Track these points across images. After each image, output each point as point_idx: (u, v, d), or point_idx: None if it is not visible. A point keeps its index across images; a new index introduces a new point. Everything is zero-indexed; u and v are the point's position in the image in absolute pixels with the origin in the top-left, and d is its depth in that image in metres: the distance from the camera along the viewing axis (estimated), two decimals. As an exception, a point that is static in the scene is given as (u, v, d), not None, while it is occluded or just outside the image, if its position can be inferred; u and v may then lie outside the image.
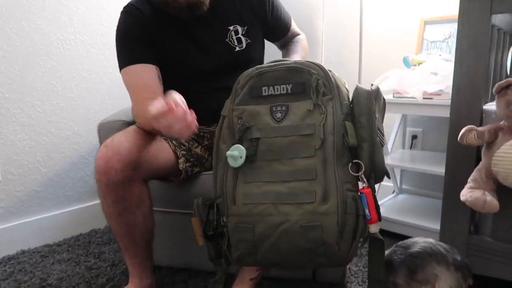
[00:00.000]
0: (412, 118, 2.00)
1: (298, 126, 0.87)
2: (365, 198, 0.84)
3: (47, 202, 1.75)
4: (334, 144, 0.84)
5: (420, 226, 1.62)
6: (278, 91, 0.90)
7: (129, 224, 1.08)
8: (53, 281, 1.40)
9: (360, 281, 1.34)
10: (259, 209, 0.85)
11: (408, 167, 1.66)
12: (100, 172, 1.01)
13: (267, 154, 0.88)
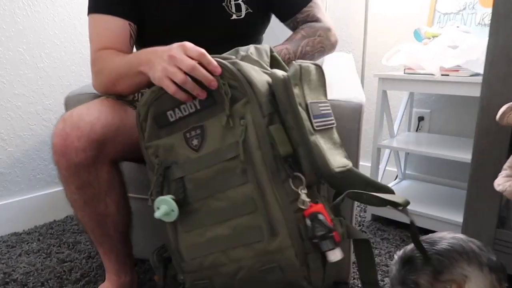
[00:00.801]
0: (419, 99, 1.85)
1: (219, 150, 0.71)
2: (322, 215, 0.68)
3: (15, 185, 1.56)
4: (263, 160, 0.67)
5: (427, 214, 1.48)
6: (186, 111, 0.74)
7: (99, 214, 0.90)
8: (18, 276, 1.22)
9: (368, 277, 1.20)
10: (209, 260, 0.74)
11: (414, 150, 1.51)
12: (58, 152, 0.82)
13: (198, 192, 0.74)
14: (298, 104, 0.68)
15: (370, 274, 0.75)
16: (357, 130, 1.04)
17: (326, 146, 0.70)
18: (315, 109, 0.71)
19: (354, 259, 1.30)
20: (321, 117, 0.72)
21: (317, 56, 1.04)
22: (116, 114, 0.87)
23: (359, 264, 0.75)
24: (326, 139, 0.71)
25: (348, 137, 1.04)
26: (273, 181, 0.67)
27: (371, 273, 0.75)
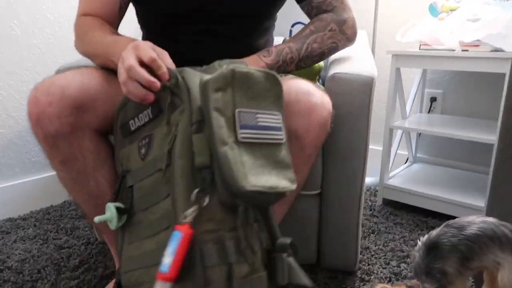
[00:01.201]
0: (431, 79, 1.76)
1: (155, 159, 0.68)
2: (177, 239, 0.58)
3: (8, 169, 1.48)
4: (182, 171, 0.62)
5: (439, 197, 1.42)
6: (142, 120, 0.72)
7: (91, 194, 0.83)
8: (13, 263, 1.15)
9: (383, 262, 1.14)
10: (135, 277, 0.68)
11: (428, 130, 1.44)
12: (33, 122, 0.75)
13: (140, 202, 0.70)
14: (215, 109, 0.61)
15: None
16: (367, 106, 0.97)
17: (251, 161, 0.60)
18: (247, 118, 0.62)
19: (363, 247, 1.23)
20: (256, 128, 0.63)
21: (327, 53, 0.94)
22: (93, 80, 0.79)
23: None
24: (258, 155, 0.62)
25: (356, 114, 0.97)
26: (186, 197, 0.61)
27: None
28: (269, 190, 0.59)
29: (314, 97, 0.80)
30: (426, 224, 1.39)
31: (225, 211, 0.61)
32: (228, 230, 0.60)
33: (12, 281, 1.07)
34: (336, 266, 1.10)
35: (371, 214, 1.48)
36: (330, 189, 1.03)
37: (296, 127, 0.79)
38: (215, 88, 0.61)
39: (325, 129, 0.82)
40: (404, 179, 1.60)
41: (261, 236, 0.66)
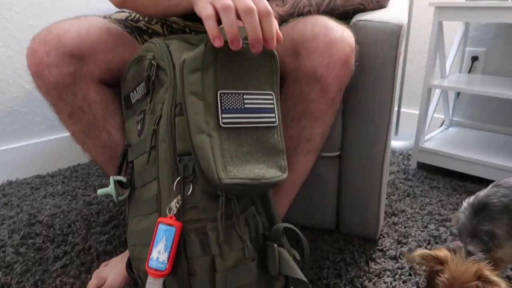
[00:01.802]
0: (474, 36, 1.64)
1: (145, 138, 0.65)
2: (172, 233, 0.55)
3: (35, 126, 1.47)
4: (165, 155, 0.58)
5: (479, 161, 1.35)
6: (139, 93, 0.69)
7: (105, 146, 0.80)
8: (44, 218, 1.16)
9: (420, 225, 1.09)
10: (136, 252, 0.66)
11: (467, 89, 1.35)
12: (33, 74, 0.72)
13: (138, 179, 0.68)
14: (191, 93, 0.55)
15: None
16: (394, 59, 0.86)
17: (234, 149, 0.55)
18: (232, 101, 0.56)
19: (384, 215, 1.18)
20: (242, 112, 0.56)
21: (351, 14, 0.85)
22: (91, 29, 0.74)
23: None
24: (244, 142, 0.56)
25: (381, 68, 0.86)
26: (170, 184, 0.58)
27: None
28: (252, 181, 0.54)
29: (333, 31, 0.70)
30: (464, 188, 1.33)
31: (208, 199, 0.57)
32: (211, 220, 0.57)
33: (44, 234, 1.07)
34: (356, 233, 1.03)
35: (405, 177, 1.42)
36: (350, 151, 0.95)
37: (315, 67, 0.70)
38: (192, 69, 0.55)
39: (348, 67, 0.71)
40: (440, 142, 1.52)
41: (257, 221, 0.62)
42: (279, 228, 0.61)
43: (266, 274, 0.61)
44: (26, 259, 0.96)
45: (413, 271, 0.90)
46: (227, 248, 0.57)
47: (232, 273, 0.57)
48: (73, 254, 0.97)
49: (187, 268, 0.57)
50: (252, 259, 0.59)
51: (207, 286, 0.57)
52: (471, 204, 0.84)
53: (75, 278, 0.89)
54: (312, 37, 0.70)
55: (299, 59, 0.72)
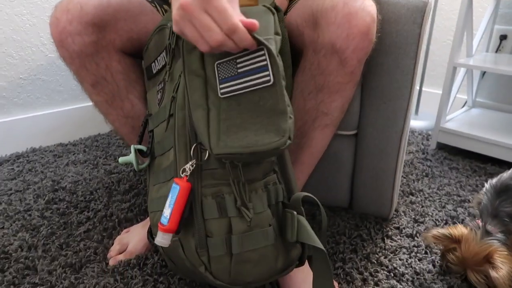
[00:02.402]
0: (504, 13, 1.58)
1: (165, 106, 0.66)
2: (176, 191, 0.57)
3: (58, 95, 1.49)
4: (184, 123, 0.61)
5: (501, 143, 1.32)
6: (160, 63, 0.70)
7: (128, 116, 0.82)
8: (67, 184, 1.19)
9: (438, 205, 1.09)
10: (156, 219, 0.68)
11: (494, 68, 1.30)
12: (56, 43, 0.73)
13: (158, 147, 0.70)
14: (189, 72, 0.57)
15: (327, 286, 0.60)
16: (417, 37, 0.82)
17: (234, 118, 0.55)
18: (227, 69, 0.56)
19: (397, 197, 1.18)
20: (238, 78, 0.55)
21: None
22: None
23: (314, 277, 0.61)
24: (244, 108, 0.54)
25: (404, 47, 0.84)
26: (187, 149, 0.60)
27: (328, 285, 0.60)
28: (243, 150, 0.53)
29: (353, 0, 0.67)
30: (484, 170, 1.31)
31: (224, 165, 0.58)
32: (227, 184, 0.59)
33: (67, 200, 1.10)
34: (369, 211, 1.03)
35: (424, 157, 1.40)
36: (367, 130, 0.94)
37: (333, 38, 0.67)
38: (189, 48, 0.57)
39: (368, 39, 0.67)
40: (461, 123, 1.50)
41: (278, 189, 0.63)
42: (299, 197, 0.61)
43: (284, 241, 0.62)
44: (51, 223, 0.99)
45: (429, 249, 0.90)
46: (243, 211, 0.58)
47: (248, 235, 0.58)
48: (95, 220, 1.01)
49: (204, 229, 0.59)
50: (269, 224, 0.60)
51: (223, 247, 0.58)
52: (494, 186, 0.83)
53: (98, 243, 0.92)
54: (331, 7, 0.67)
55: (318, 30, 0.70)
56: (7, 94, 1.37)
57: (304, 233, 0.59)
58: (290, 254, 0.64)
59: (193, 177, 0.59)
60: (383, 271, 0.83)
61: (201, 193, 0.59)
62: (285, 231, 0.62)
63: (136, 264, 0.83)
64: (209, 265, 0.60)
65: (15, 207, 1.07)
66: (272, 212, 0.61)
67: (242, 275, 0.60)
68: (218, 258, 0.59)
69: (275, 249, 0.61)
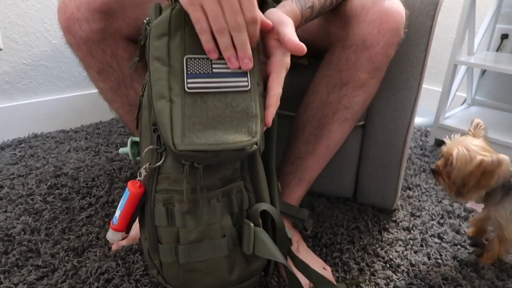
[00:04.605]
0: (506, 13, 1.59)
1: (140, 103, 0.65)
2: (126, 196, 0.57)
3: (61, 81, 1.50)
4: (146, 121, 0.59)
5: (499, 141, 1.34)
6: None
7: (132, 103, 0.82)
8: (69, 170, 1.20)
9: (435, 200, 1.11)
10: None
11: (494, 67, 1.32)
12: (64, 29, 0.73)
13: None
14: (155, 59, 0.54)
15: None
16: (429, 30, 0.84)
17: (199, 114, 0.53)
18: (199, 66, 0.54)
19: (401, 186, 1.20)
20: (210, 77, 0.54)
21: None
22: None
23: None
24: (212, 106, 0.53)
25: (415, 39, 0.85)
26: (147, 151, 0.58)
27: None
28: (211, 147, 0.51)
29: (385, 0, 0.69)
30: (481, 167, 1.33)
31: (179, 171, 0.56)
32: (179, 192, 0.56)
33: (69, 186, 1.12)
34: (373, 202, 1.05)
35: (422, 153, 1.42)
36: (375, 121, 0.95)
37: (364, 35, 0.70)
38: (158, 34, 0.54)
39: (397, 35, 0.71)
40: (460, 120, 1.51)
41: (243, 197, 0.60)
42: (258, 209, 0.60)
43: (243, 252, 0.61)
44: (53, 208, 1.01)
45: (425, 242, 0.92)
46: (191, 222, 0.57)
47: (196, 247, 0.58)
48: (97, 206, 1.02)
49: (155, 235, 0.59)
50: (223, 235, 0.58)
51: (171, 256, 0.59)
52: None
53: (100, 228, 0.93)
54: (361, 6, 0.70)
55: (348, 28, 0.72)
56: (10, 79, 1.37)
57: (261, 246, 0.58)
58: (250, 265, 0.63)
59: (149, 181, 0.57)
60: (379, 262, 0.85)
61: (154, 198, 0.58)
62: (242, 243, 0.61)
63: (138, 249, 0.85)
64: (161, 269, 0.61)
65: (17, 191, 1.08)
66: (235, 221, 0.60)
67: (190, 283, 0.60)
68: (168, 264, 0.60)
69: (229, 260, 0.60)
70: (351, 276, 0.81)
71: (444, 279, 0.81)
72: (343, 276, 0.81)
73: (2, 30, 1.31)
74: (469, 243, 0.93)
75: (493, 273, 0.83)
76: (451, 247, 0.91)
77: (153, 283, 0.76)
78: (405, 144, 0.95)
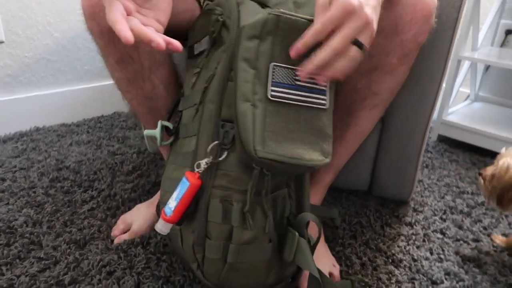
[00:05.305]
0: (510, 8, 1.58)
1: (195, 92, 0.65)
2: (185, 187, 0.57)
3: (62, 75, 1.49)
4: (210, 116, 0.59)
5: (502, 137, 1.34)
6: (202, 46, 0.67)
7: (147, 96, 0.81)
8: (71, 164, 1.20)
9: (437, 196, 1.11)
10: (165, 198, 0.68)
11: (498, 62, 1.31)
12: (87, 16, 0.71)
13: (183, 129, 0.69)
14: (244, 60, 0.54)
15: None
16: (455, 21, 0.85)
17: (278, 124, 0.53)
18: (283, 75, 0.54)
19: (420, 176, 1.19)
20: (293, 88, 0.54)
21: None
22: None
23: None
24: (292, 119, 0.54)
25: (441, 30, 0.84)
26: (208, 143, 0.58)
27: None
28: (290, 160, 0.53)
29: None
30: (484, 163, 1.33)
31: (242, 171, 0.57)
32: (239, 191, 0.57)
33: (71, 179, 1.11)
34: (389, 195, 1.05)
35: (425, 149, 1.41)
36: (394, 113, 0.95)
37: (396, 20, 0.69)
38: (250, 35, 0.54)
39: (429, 23, 0.70)
40: (463, 116, 1.51)
41: (286, 204, 0.62)
42: (305, 219, 0.60)
43: (280, 257, 0.62)
44: (55, 201, 1.01)
45: (427, 237, 0.92)
46: (247, 223, 0.57)
47: (245, 248, 0.58)
48: (99, 199, 1.02)
49: (205, 229, 0.59)
50: (269, 240, 0.60)
51: (219, 253, 0.59)
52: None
53: (102, 221, 0.93)
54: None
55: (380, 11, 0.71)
56: (12, 72, 1.37)
57: (301, 256, 0.59)
58: (284, 271, 0.64)
59: (206, 175, 0.58)
60: (382, 257, 0.85)
61: (210, 193, 0.58)
62: (283, 249, 0.61)
63: (140, 243, 0.85)
64: (202, 263, 0.61)
65: (19, 184, 1.08)
66: (275, 227, 0.61)
67: (229, 282, 0.61)
68: (212, 260, 0.60)
69: (269, 265, 0.61)
70: (353, 271, 0.81)
71: (447, 274, 0.81)
72: (346, 270, 0.81)
73: (4, 23, 1.30)
74: (472, 238, 0.93)
75: (496, 269, 0.83)
76: (454, 243, 0.91)
77: (155, 276, 0.76)
78: (424, 135, 0.96)
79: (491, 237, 0.94)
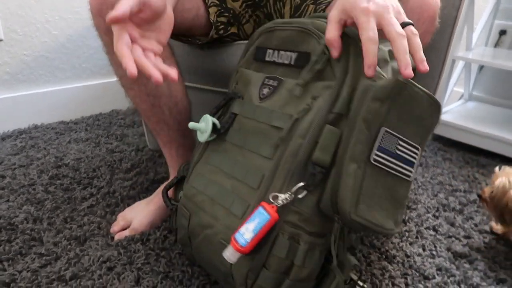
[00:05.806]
0: (505, 8, 1.60)
1: (273, 112, 0.63)
2: (265, 220, 0.56)
3: (61, 72, 1.50)
4: (297, 151, 0.57)
5: (495, 136, 1.36)
6: (281, 59, 0.66)
7: (150, 94, 0.82)
8: (70, 161, 1.21)
9: (430, 193, 1.13)
10: (199, 199, 0.68)
11: (492, 62, 1.33)
12: (94, 12, 0.72)
13: (236, 136, 0.67)
14: (364, 120, 0.54)
15: None
16: (453, 20, 0.87)
17: (371, 188, 0.54)
18: (389, 142, 0.55)
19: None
20: (392, 156, 0.55)
21: None
22: None
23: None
24: (380, 184, 0.55)
25: (441, 28, 0.84)
26: (291, 177, 0.57)
27: None
28: (373, 226, 0.54)
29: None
30: (477, 161, 1.35)
31: (315, 214, 0.57)
32: (309, 233, 0.58)
33: (70, 176, 1.13)
34: None
35: (419, 147, 1.44)
36: None
37: None
38: (376, 97, 0.54)
39: (434, 24, 0.73)
40: (457, 116, 1.53)
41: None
42: (351, 263, 0.62)
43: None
44: (55, 198, 1.02)
45: (420, 234, 0.94)
46: (308, 264, 0.58)
47: (300, 285, 0.59)
48: (98, 196, 1.03)
49: (265, 260, 0.58)
50: (314, 279, 0.61)
51: (272, 284, 0.59)
52: None
53: (101, 218, 0.95)
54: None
55: None
56: (11, 70, 1.38)
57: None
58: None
59: (280, 208, 0.57)
60: (375, 253, 0.87)
61: (280, 228, 0.57)
62: (320, 285, 0.62)
63: (139, 239, 0.87)
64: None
65: (19, 181, 1.09)
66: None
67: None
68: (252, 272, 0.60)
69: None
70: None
71: (438, 270, 0.83)
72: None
73: (2, 20, 1.31)
74: (463, 235, 0.95)
75: (486, 265, 0.85)
76: (446, 239, 0.93)
77: (154, 271, 0.78)
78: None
79: (490, 225, 0.97)
